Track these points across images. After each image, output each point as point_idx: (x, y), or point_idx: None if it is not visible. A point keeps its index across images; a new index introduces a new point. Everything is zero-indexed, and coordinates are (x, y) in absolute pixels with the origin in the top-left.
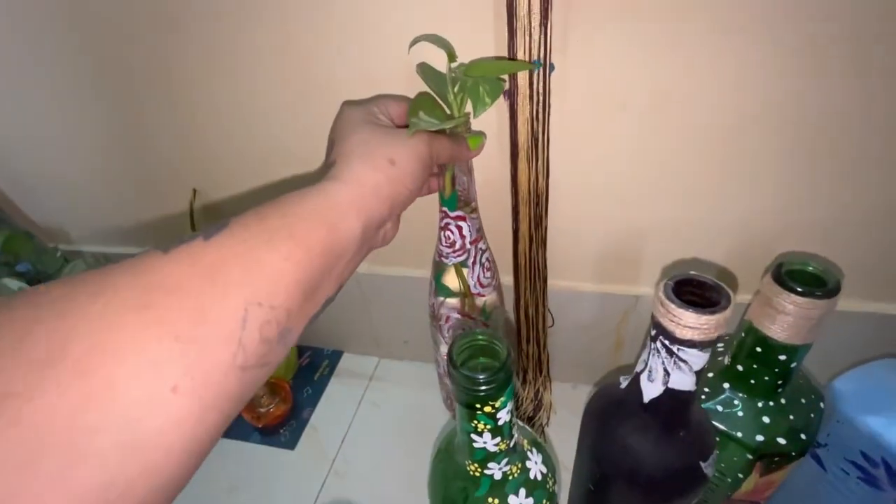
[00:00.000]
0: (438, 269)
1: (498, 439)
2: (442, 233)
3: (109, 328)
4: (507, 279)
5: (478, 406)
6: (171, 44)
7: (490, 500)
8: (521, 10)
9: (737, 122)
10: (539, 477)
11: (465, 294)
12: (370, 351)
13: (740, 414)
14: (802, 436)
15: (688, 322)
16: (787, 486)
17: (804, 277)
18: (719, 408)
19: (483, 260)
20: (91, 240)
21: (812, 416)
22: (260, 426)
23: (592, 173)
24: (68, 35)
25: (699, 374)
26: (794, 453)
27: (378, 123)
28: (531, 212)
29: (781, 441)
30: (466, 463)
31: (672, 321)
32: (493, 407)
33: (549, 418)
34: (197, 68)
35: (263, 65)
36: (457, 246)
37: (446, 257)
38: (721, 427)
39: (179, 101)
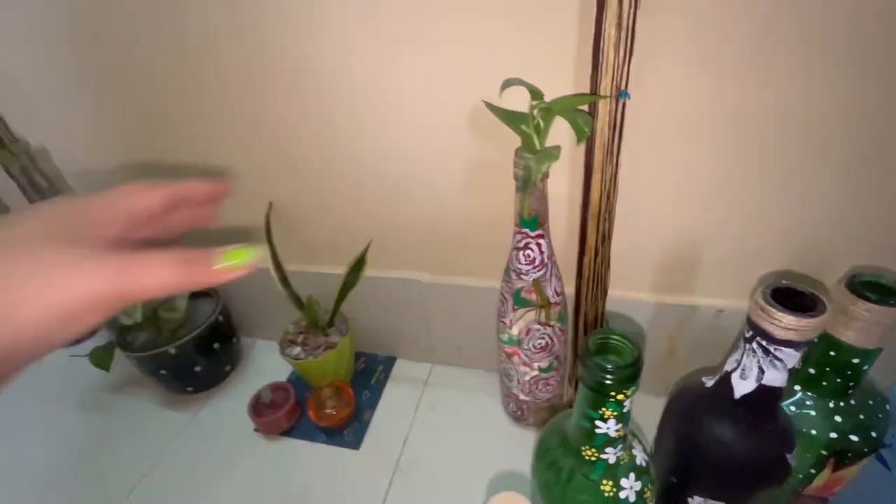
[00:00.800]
0: (517, 286)
1: (620, 426)
2: (521, 252)
3: None
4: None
5: (612, 394)
6: (257, 59)
7: (604, 482)
8: (607, 46)
9: (799, 141)
10: (644, 464)
11: (545, 305)
12: (423, 357)
13: (813, 413)
14: (873, 433)
15: (788, 324)
16: (853, 485)
17: (876, 287)
18: (792, 408)
19: (556, 272)
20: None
21: (880, 416)
22: (324, 426)
23: (656, 190)
24: (135, 45)
25: (790, 372)
26: (866, 450)
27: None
28: (599, 227)
29: (854, 438)
30: (582, 449)
31: (772, 324)
32: (624, 395)
33: None
34: (279, 82)
35: (339, 88)
36: (537, 262)
37: (525, 274)
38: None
39: (259, 115)
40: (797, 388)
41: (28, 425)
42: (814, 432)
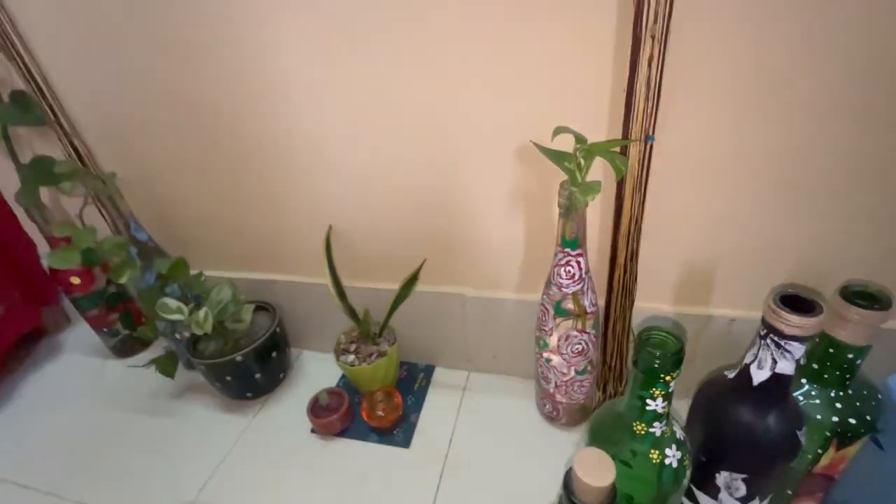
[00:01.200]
0: (557, 298)
1: (666, 403)
2: (563, 269)
3: None
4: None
5: (661, 375)
6: (322, 106)
7: (652, 451)
8: (638, 100)
9: (799, 178)
10: (682, 438)
11: (581, 315)
12: (460, 365)
13: (818, 402)
14: (868, 417)
15: (795, 323)
16: (855, 465)
17: (864, 295)
18: (800, 398)
19: (591, 286)
20: (226, 266)
21: (873, 403)
22: (376, 427)
23: (677, 216)
24: (217, 94)
25: (797, 362)
26: (862, 430)
27: None
28: (628, 247)
29: (852, 421)
30: (634, 424)
31: (782, 323)
32: (671, 377)
33: None
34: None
35: (400, 127)
36: (576, 277)
37: (566, 287)
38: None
39: (321, 150)
40: (804, 381)
41: (93, 430)
42: (819, 417)
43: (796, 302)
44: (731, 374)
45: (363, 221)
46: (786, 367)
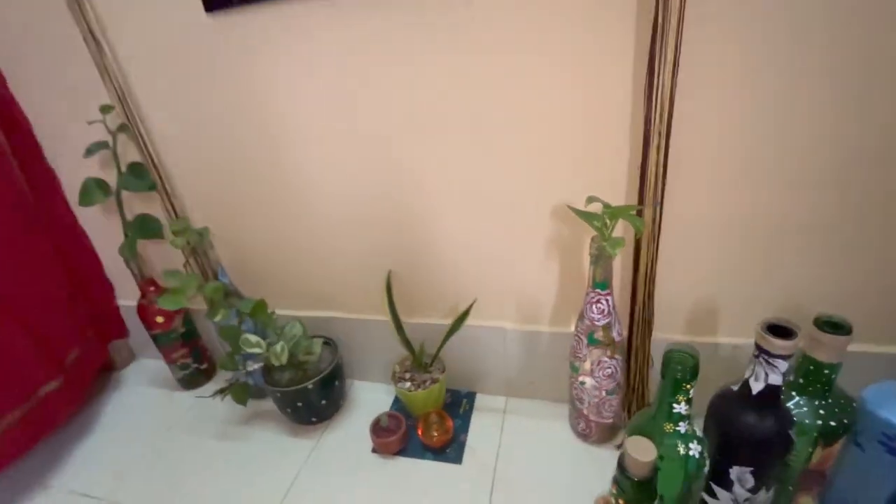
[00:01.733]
0: (590, 330)
1: (688, 407)
2: (594, 305)
3: None
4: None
5: (685, 384)
6: (377, 169)
7: (680, 445)
8: (650, 174)
9: (780, 237)
10: (701, 435)
11: (610, 343)
12: (499, 391)
13: (805, 410)
14: (845, 420)
15: (777, 345)
16: (841, 464)
17: (832, 324)
18: (792, 407)
19: (618, 319)
20: (291, 305)
21: (849, 410)
22: (430, 445)
23: (686, 261)
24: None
25: (784, 375)
26: (841, 431)
27: None
28: (646, 287)
29: (833, 424)
30: (664, 424)
31: (769, 345)
32: (691, 385)
33: None
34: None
35: (448, 193)
36: (605, 312)
37: (597, 321)
38: (794, 419)
39: (384, 214)
40: (794, 393)
41: (173, 455)
42: (807, 421)
43: (779, 329)
44: (735, 387)
45: (419, 266)
46: (775, 379)
